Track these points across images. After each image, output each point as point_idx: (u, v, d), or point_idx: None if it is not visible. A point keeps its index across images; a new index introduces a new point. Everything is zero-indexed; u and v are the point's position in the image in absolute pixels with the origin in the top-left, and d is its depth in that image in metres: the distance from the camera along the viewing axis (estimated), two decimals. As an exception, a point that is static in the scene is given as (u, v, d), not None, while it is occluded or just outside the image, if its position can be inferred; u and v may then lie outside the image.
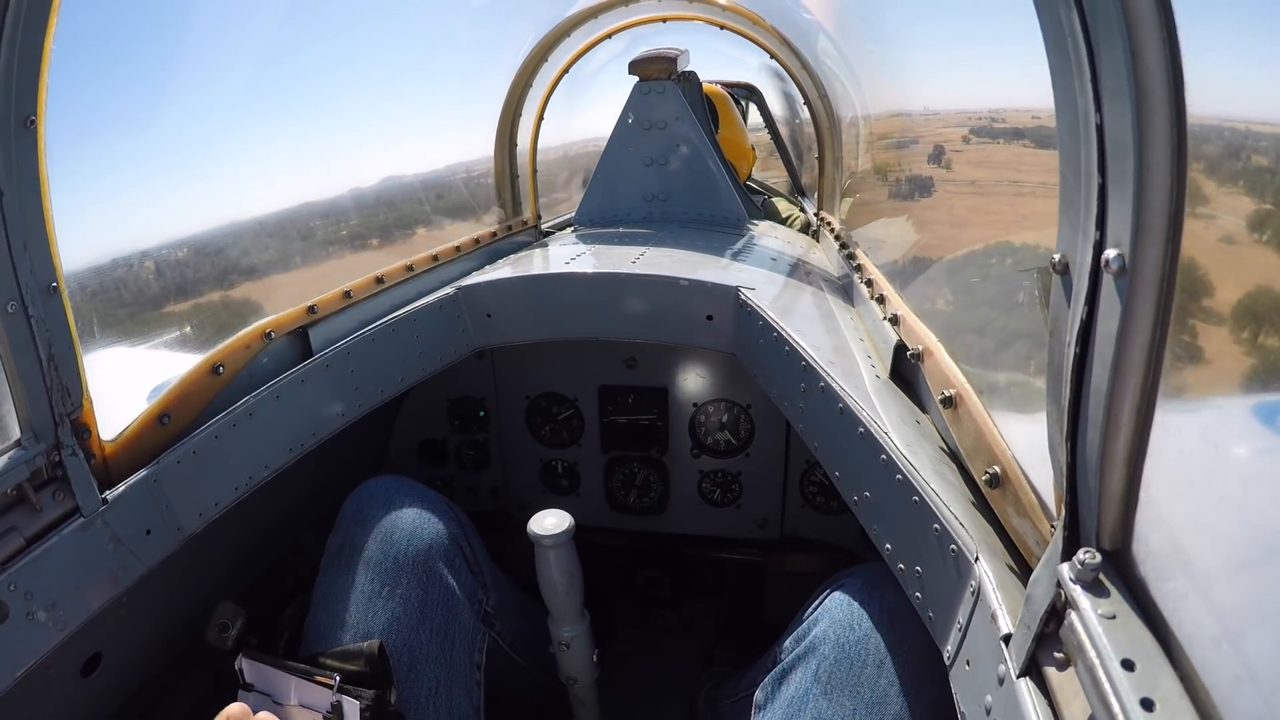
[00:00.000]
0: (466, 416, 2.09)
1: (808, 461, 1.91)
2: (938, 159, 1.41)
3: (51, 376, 1.00)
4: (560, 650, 1.45)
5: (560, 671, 1.50)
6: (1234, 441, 0.55)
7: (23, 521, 0.98)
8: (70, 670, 1.10)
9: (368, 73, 2.01)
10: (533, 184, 2.91)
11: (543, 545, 1.35)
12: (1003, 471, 0.87)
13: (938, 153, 1.41)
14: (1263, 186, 0.54)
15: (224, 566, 1.45)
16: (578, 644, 1.45)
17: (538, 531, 1.35)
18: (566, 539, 1.36)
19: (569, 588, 1.39)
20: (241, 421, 1.28)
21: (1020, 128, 1.01)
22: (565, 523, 1.36)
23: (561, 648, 1.45)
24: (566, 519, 1.37)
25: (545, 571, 1.38)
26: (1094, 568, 0.60)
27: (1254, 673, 0.48)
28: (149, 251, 1.34)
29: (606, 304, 1.70)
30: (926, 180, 1.51)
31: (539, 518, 1.37)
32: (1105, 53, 0.56)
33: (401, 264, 1.88)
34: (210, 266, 1.47)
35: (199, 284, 1.44)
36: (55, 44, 0.92)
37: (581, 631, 1.45)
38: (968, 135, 1.25)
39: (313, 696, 1.12)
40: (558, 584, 1.38)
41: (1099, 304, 0.59)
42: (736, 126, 3.20)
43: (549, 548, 1.35)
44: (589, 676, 1.51)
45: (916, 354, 1.18)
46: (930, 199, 1.49)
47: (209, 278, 1.47)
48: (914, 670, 1.06)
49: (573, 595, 1.41)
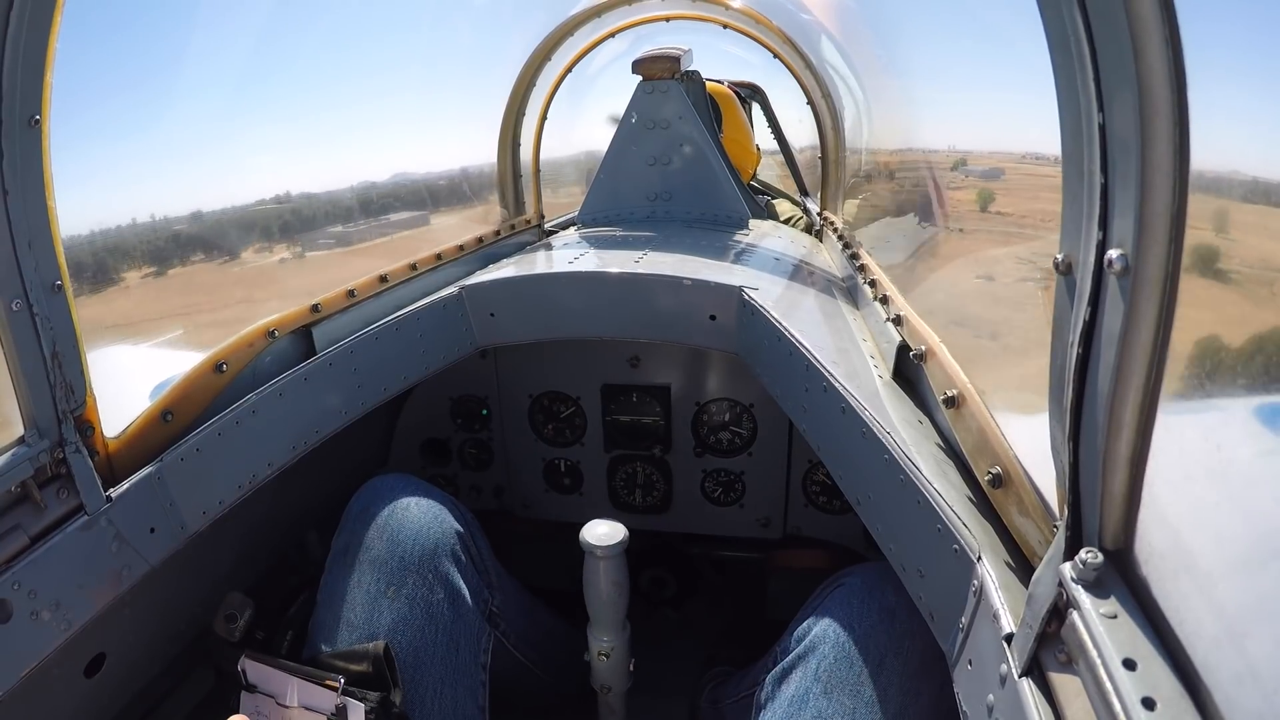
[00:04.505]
0: (469, 415, 2.09)
1: (810, 461, 1.91)
2: (941, 159, 1.41)
3: (55, 374, 1.00)
4: (598, 660, 1.42)
5: (594, 680, 1.47)
6: (1236, 442, 0.54)
7: (26, 520, 0.98)
8: (74, 670, 1.10)
9: (368, 72, 2.01)
10: (535, 183, 2.91)
11: (594, 555, 1.32)
12: (1005, 471, 0.87)
13: (941, 152, 1.41)
14: (1265, 187, 0.54)
15: (227, 564, 1.45)
16: (617, 654, 1.42)
17: (591, 541, 1.31)
18: (620, 550, 1.32)
19: (616, 599, 1.36)
20: (245, 419, 1.28)
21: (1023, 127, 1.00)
22: (619, 534, 1.32)
23: (600, 658, 1.42)
24: (620, 529, 1.33)
25: (593, 581, 1.35)
26: (1096, 567, 0.60)
27: (1255, 672, 0.48)
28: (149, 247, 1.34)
29: (609, 303, 1.70)
30: (929, 180, 1.51)
31: (591, 526, 1.34)
32: (1108, 52, 0.56)
33: (405, 263, 1.89)
34: (214, 263, 1.48)
35: (201, 280, 1.45)
36: (60, 43, 0.93)
37: (622, 642, 1.42)
38: (970, 135, 1.25)
39: (316, 698, 1.12)
40: (605, 594, 1.35)
41: (1102, 304, 0.59)
42: (741, 126, 3.19)
43: (600, 558, 1.32)
44: (623, 685, 1.48)
45: (919, 354, 1.18)
46: (932, 199, 1.49)
47: (211, 274, 1.47)
48: (915, 669, 1.06)
49: (619, 606, 1.38)
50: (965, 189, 1.30)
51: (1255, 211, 0.54)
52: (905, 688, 1.05)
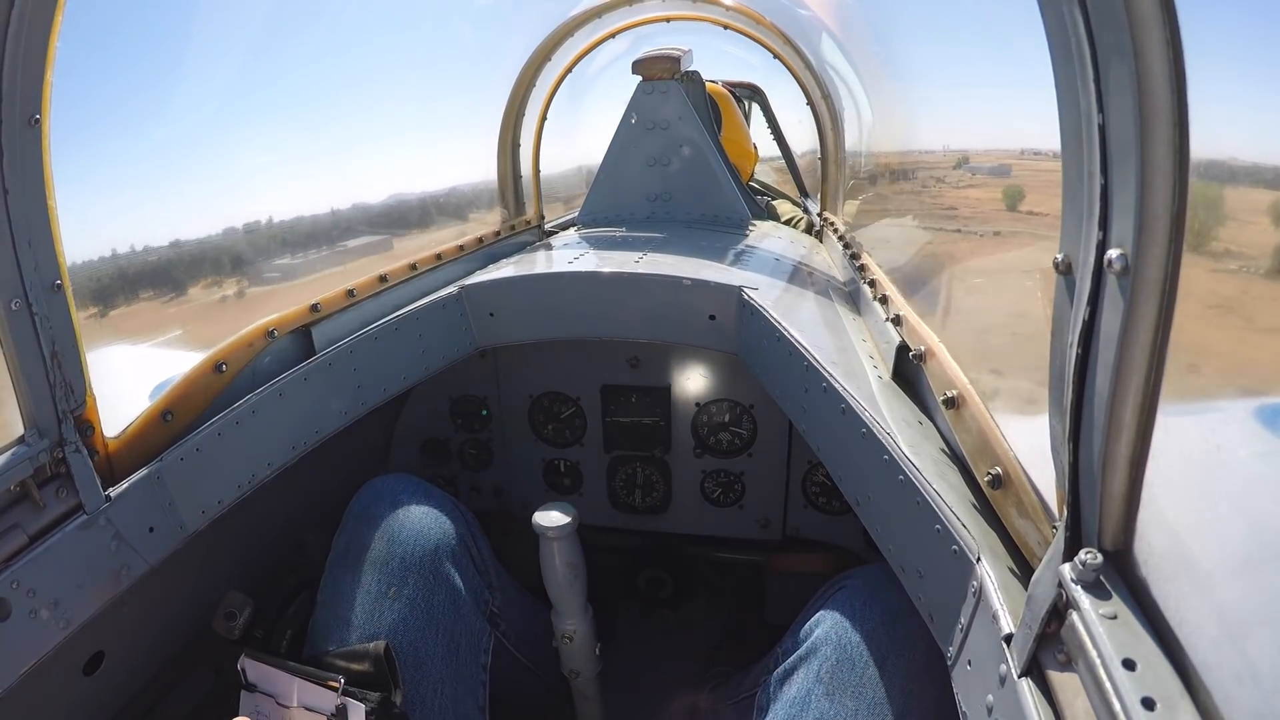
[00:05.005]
0: (469, 415, 2.09)
1: (810, 462, 1.91)
2: (941, 158, 1.41)
3: (55, 373, 1.00)
4: (563, 644, 1.47)
5: (563, 665, 1.51)
6: (1236, 442, 0.54)
7: (26, 519, 0.98)
8: (73, 669, 1.10)
9: (370, 70, 2.01)
10: (535, 184, 2.91)
11: (547, 537, 1.38)
12: (1005, 472, 0.87)
13: (940, 152, 1.41)
14: (1266, 187, 0.54)
15: (226, 565, 1.45)
16: (580, 637, 1.46)
17: (542, 524, 1.37)
18: (570, 531, 1.38)
19: (572, 580, 1.41)
20: (244, 419, 1.28)
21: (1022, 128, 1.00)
22: (569, 515, 1.39)
23: (565, 641, 1.46)
24: (570, 511, 1.39)
25: (549, 564, 1.40)
26: (1095, 568, 0.60)
27: (1255, 672, 0.48)
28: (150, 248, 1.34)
29: (609, 303, 1.70)
30: (928, 180, 1.51)
31: (543, 510, 1.40)
32: (1108, 53, 0.56)
33: (405, 263, 1.89)
34: (213, 263, 1.48)
35: (202, 280, 1.45)
36: (60, 42, 0.93)
37: (585, 625, 1.46)
38: (969, 135, 1.25)
39: (317, 698, 1.12)
40: (561, 576, 1.40)
41: (1102, 304, 0.59)
42: (739, 126, 3.20)
43: (553, 539, 1.37)
44: (591, 670, 1.52)
45: (919, 355, 1.18)
46: (932, 199, 1.49)
47: (212, 274, 1.47)
48: (916, 671, 1.06)
49: (576, 588, 1.43)
50: (966, 188, 1.30)
51: (1255, 211, 0.54)
52: (908, 690, 1.05)
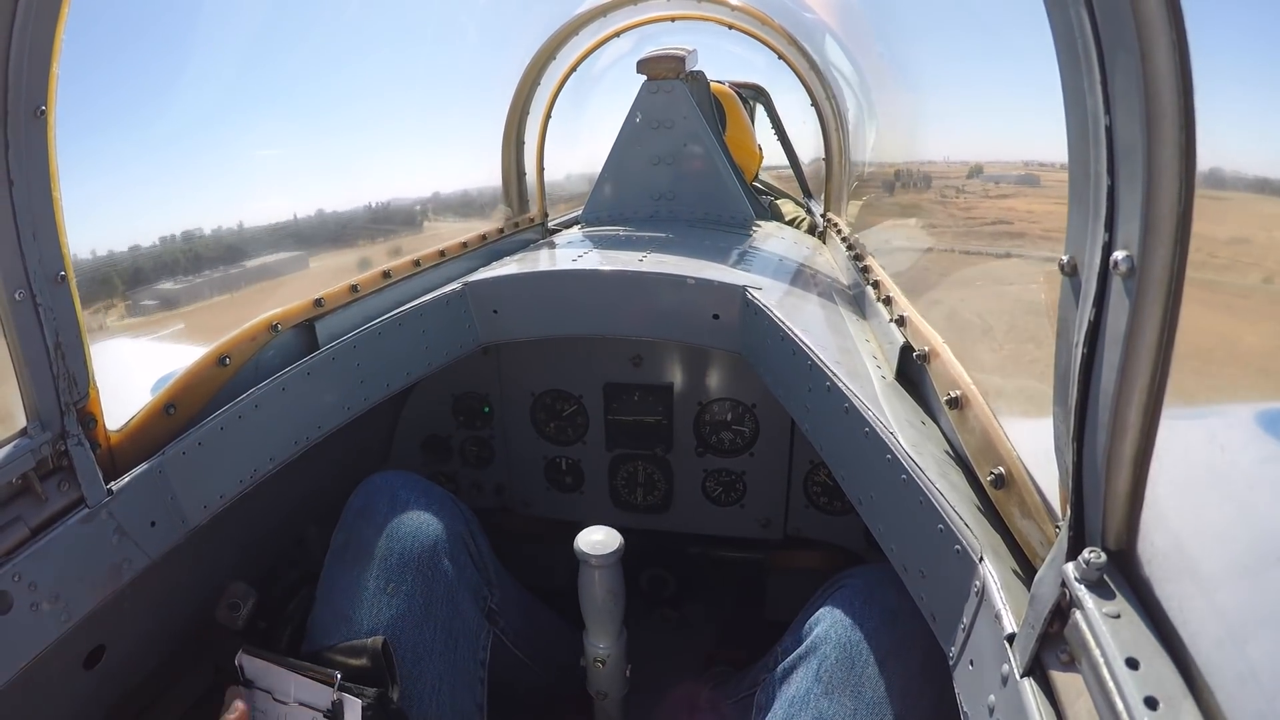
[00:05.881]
0: (471, 412, 2.09)
1: (812, 462, 1.91)
2: (944, 159, 1.41)
3: (58, 365, 1.00)
4: (594, 667, 1.40)
5: (590, 685, 1.45)
6: (1240, 443, 0.55)
7: (27, 511, 0.98)
8: (73, 662, 1.10)
9: (371, 70, 2.01)
10: (539, 181, 2.91)
11: (589, 564, 1.29)
12: (1008, 472, 0.87)
13: (944, 154, 1.41)
14: (1271, 189, 0.54)
15: (228, 559, 1.45)
16: (613, 661, 1.40)
17: (585, 550, 1.28)
18: (615, 559, 1.29)
19: (612, 607, 1.33)
20: (247, 413, 1.28)
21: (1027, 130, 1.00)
22: (615, 542, 1.29)
23: (596, 664, 1.39)
24: (616, 537, 1.30)
25: (588, 589, 1.32)
26: (1099, 567, 0.60)
27: (1257, 672, 0.48)
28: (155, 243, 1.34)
29: (613, 302, 1.70)
30: (932, 182, 1.51)
31: (587, 534, 1.31)
32: (1115, 54, 0.56)
33: (408, 259, 1.89)
34: (218, 257, 1.48)
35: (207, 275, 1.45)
36: (66, 34, 0.93)
37: (618, 649, 1.40)
38: (973, 137, 1.25)
39: (313, 694, 1.11)
40: (600, 603, 1.32)
41: (1107, 305, 0.59)
42: (743, 126, 3.20)
43: (596, 568, 1.29)
44: (620, 692, 1.47)
45: (923, 355, 1.18)
46: (936, 200, 1.49)
47: (216, 268, 1.47)
48: (916, 670, 1.06)
49: (615, 614, 1.35)
50: (967, 190, 1.30)
51: (1261, 214, 0.54)
52: (907, 689, 1.05)
